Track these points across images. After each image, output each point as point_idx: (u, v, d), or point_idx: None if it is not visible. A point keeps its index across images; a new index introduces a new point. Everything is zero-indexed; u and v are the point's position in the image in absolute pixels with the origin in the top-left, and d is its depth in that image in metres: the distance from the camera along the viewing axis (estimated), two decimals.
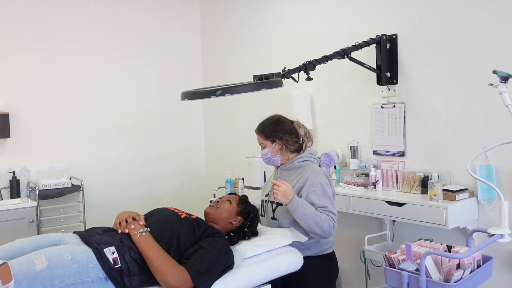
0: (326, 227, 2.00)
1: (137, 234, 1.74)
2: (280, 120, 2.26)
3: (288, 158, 2.24)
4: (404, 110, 2.70)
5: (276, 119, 2.26)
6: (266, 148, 2.23)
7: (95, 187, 3.79)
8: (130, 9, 4.03)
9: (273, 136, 2.21)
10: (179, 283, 1.61)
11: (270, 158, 2.24)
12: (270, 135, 2.21)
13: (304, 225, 2.01)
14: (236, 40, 4.00)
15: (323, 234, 2.02)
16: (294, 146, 2.23)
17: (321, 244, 2.18)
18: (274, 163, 2.27)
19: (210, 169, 4.47)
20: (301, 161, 2.21)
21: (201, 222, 1.94)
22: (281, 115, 2.31)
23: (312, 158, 2.23)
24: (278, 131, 2.20)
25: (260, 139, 2.26)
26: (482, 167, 2.33)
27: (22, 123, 3.47)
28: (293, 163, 2.22)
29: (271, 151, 2.22)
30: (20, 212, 3.09)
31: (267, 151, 2.23)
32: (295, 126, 2.25)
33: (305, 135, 2.26)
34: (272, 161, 2.26)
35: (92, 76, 3.81)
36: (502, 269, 2.31)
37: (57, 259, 1.54)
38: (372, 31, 2.75)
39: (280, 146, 2.21)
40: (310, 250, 2.15)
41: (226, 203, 2.11)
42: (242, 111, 3.93)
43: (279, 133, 2.20)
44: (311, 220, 1.98)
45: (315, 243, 2.16)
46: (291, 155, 2.25)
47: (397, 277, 1.72)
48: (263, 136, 2.24)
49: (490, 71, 1.89)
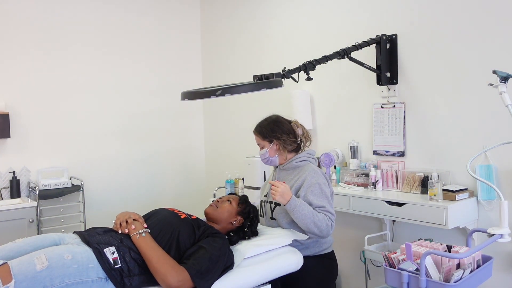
0: (324, 227, 1.99)
1: (137, 235, 1.74)
2: (277, 120, 2.25)
3: (286, 158, 2.24)
4: (404, 110, 2.70)
5: (273, 120, 2.26)
6: (264, 149, 2.23)
7: (95, 187, 3.79)
8: (130, 10, 4.03)
9: (271, 136, 2.21)
10: (179, 283, 1.61)
11: (268, 158, 2.24)
12: (268, 135, 2.21)
13: (302, 225, 2.00)
14: (236, 40, 4.00)
15: (321, 234, 2.01)
16: (292, 146, 2.22)
17: (320, 244, 2.18)
18: (272, 163, 2.27)
19: (210, 169, 4.47)
20: (299, 161, 2.21)
21: (201, 223, 1.94)
22: (278, 115, 2.30)
23: (310, 158, 2.23)
24: (276, 131, 2.20)
25: (258, 139, 2.26)
26: (482, 167, 2.33)
27: (22, 123, 3.47)
28: (291, 163, 2.22)
29: (269, 151, 2.22)
30: (20, 212, 3.09)
31: (265, 152, 2.23)
32: (293, 126, 2.25)
33: (303, 135, 2.25)
34: (270, 161, 2.26)
35: (92, 76, 3.81)
36: (502, 269, 2.31)
37: (57, 259, 1.54)
38: (372, 31, 2.75)
39: (278, 146, 2.22)
40: (309, 249, 2.15)
41: (226, 203, 2.11)
42: (242, 111, 3.93)
43: (276, 133, 2.20)
44: (309, 220, 1.98)
45: (314, 243, 2.16)
46: (289, 155, 2.24)
47: (397, 277, 1.72)
48: (261, 136, 2.24)
49: (490, 71, 1.89)
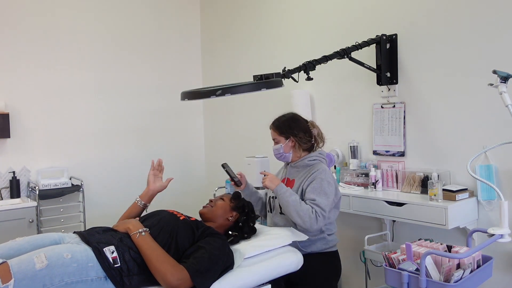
0: (306, 218, 2.02)
1: (137, 234, 1.74)
2: (295, 117, 2.30)
3: (300, 156, 2.27)
4: (404, 110, 2.70)
5: (291, 116, 2.30)
6: (279, 144, 2.26)
7: (95, 187, 3.79)
8: (130, 9, 4.03)
9: (288, 132, 2.24)
10: (178, 282, 1.61)
11: (282, 154, 2.27)
12: (285, 131, 2.25)
13: (287, 212, 2.08)
14: (236, 40, 4.00)
15: (304, 225, 2.04)
16: (307, 144, 2.26)
17: (327, 241, 2.20)
18: (285, 159, 2.30)
19: (210, 169, 4.47)
20: (311, 160, 2.24)
21: (200, 224, 1.94)
22: (296, 113, 2.35)
23: (322, 158, 2.27)
24: (293, 128, 2.24)
25: (274, 134, 2.29)
26: (482, 167, 2.33)
27: (22, 123, 3.48)
28: (303, 161, 2.25)
29: (284, 147, 2.25)
30: (20, 212, 3.09)
31: (279, 147, 2.26)
32: (309, 126, 2.29)
33: (318, 135, 2.29)
34: (284, 157, 2.29)
35: (92, 76, 3.81)
36: (502, 269, 2.31)
37: (57, 258, 1.54)
38: (372, 31, 2.75)
39: (294, 143, 2.25)
40: (315, 245, 2.17)
41: (220, 200, 2.14)
42: (242, 111, 3.92)
43: (294, 130, 2.24)
44: (292, 208, 2.03)
45: (321, 239, 2.18)
46: (303, 154, 2.28)
47: (397, 277, 1.72)
48: (278, 131, 2.27)
49: (490, 71, 1.89)
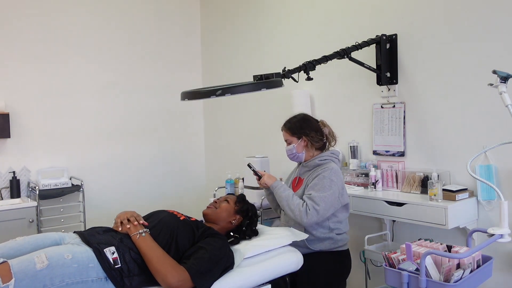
0: (296, 211, 2.09)
1: (137, 235, 1.74)
2: (306, 117, 2.35)
3: (313, 155, 2.30)
4: (404, 110, 2.70)
5: (302, 117, 2.34)
6: (292, 144, 2.29)
7: (95, 187, 3.79)
8: (130, 10, 4.03)
9: (300, 132, 2.28)
10: (179, 283, 1.61)
11: (295, 154, 2.29)
12: (297, 131, 2.28)
13: (281, 206, 2.19)
14: (236, 40, 4.00)
15: (295, 217, 2.10)
16: (319, 143, 2.29)
17: (335, 240, 2.21)
18: (298, 159, 2.32)
19: (210, 169, 4.47)
20: (322, 159, 2.26)
21: (200, 224, 1.94)
22: (306, 113, 2.42)
23: (334, 158, 2.29)
24: (305, 128, 2.28)
25: (286, 135, 2.32)
26: (482, 167, 2.33)
27: (22, 123, 3.48)
28: (314, 160, 2.27)
29: (297, 147, 2.28)
30: (20, 212, 3.09)
31: (292, 147, 2.29)
32: (320, 125, 2.32)
33: (329, 134, 2.33)
34: (297, 157, 2.31)
35: (92, 76, 3.81)
36: (502, 269, 2.31)
37: (58, 259, 1.55)
38: (372, 31, 2.75)
39: (306, 143, 2.28)
40: (324, 244, 2.19)
41: (224, 202, 2.12)
42: (242, 111, 3.91)
43: (305, 130, 2.27)
44: (284, 202, 2.14)
45: (329, 238, 2.19)
46: (315, 153, 2.31)
47: (397, 277, 1.72)
48: (290, 132, 2.30)
49: (490, 71, 1.88)
